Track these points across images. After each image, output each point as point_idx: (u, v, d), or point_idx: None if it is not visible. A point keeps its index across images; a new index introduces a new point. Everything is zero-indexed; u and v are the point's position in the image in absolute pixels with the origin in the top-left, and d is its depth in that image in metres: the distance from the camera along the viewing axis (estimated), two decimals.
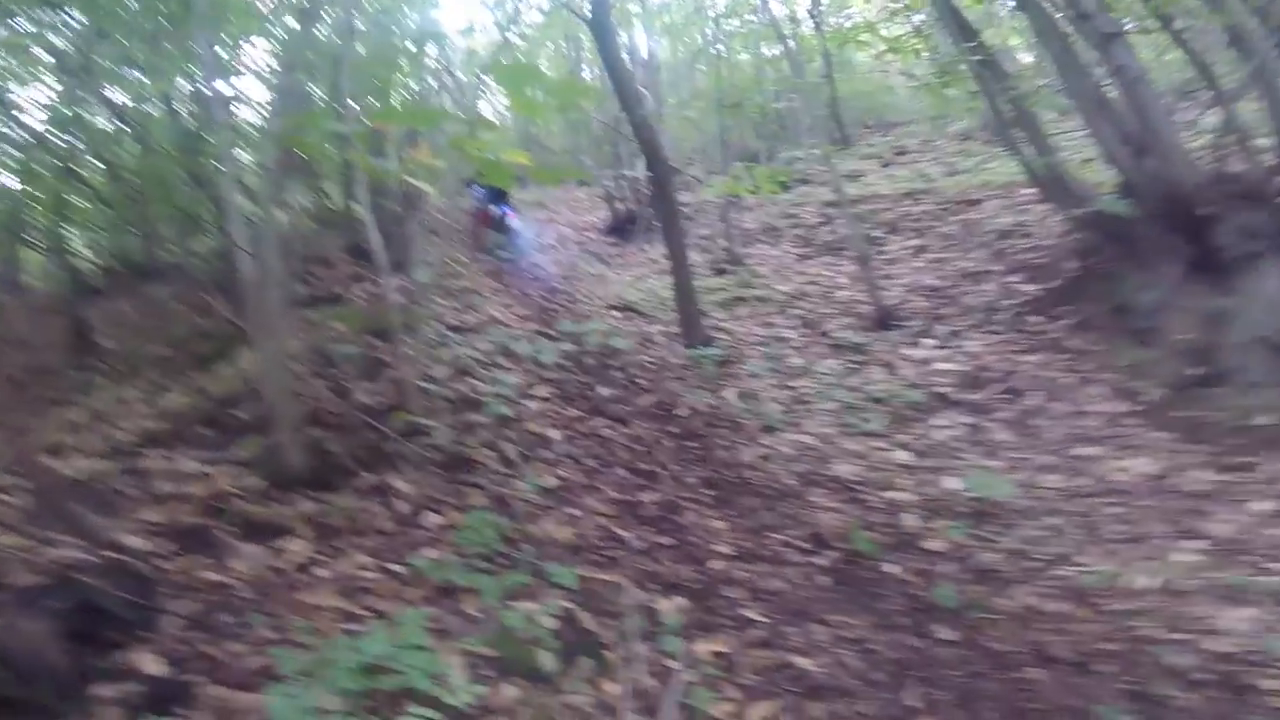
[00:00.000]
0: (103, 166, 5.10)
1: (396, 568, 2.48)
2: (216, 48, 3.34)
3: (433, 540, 2.65)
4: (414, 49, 5.02)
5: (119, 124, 4.91)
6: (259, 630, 2.12)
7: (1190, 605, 3.11)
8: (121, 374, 4.74)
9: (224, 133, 2.81)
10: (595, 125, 12.04)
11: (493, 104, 12.74)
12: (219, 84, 2.91)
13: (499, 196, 7.92)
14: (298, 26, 3.40)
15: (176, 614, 2.09)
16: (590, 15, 5.23)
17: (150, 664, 1.91)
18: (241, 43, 4.30)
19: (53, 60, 4.67)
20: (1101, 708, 2.50)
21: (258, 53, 5.23)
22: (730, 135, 9.58)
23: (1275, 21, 4.15)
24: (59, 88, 5.10)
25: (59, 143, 4.71)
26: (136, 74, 4.64)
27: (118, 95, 5.21)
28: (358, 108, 4.82)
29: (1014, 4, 5.58)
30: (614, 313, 6.51)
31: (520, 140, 15.89)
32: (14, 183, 4.76)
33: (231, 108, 3.77)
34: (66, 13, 4.01)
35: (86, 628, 1.89)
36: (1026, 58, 8.56)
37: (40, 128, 4.70)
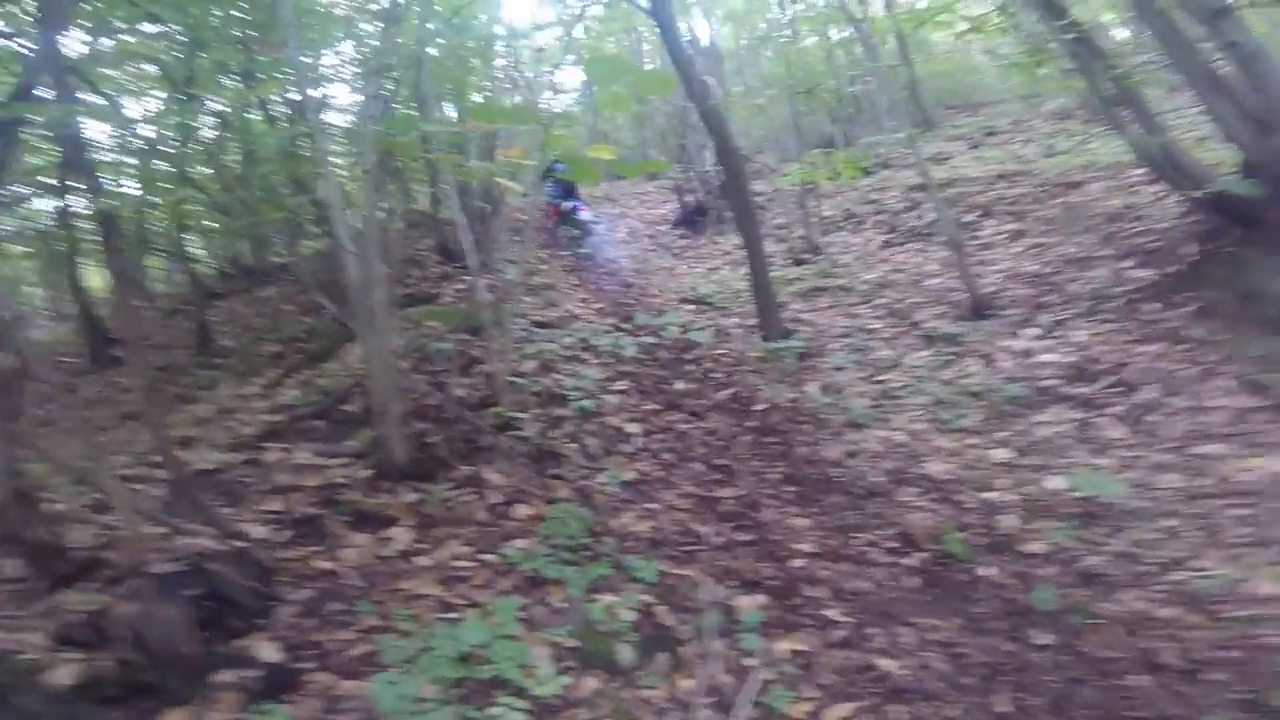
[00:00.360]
0: (211, 174, 5.41)
1: (490, 557, 2.61)
2: (304, 54, 3.52)
3: (522, 531, 2.77)
4: (484, 48, 5.12)
5: (224, 132, 5.21)
6: (365, 618, 2.25)
7: None
8: (240, 371, 5.23)
9: (321, 137, 3.01)
10: (661, 117, 12.01)
11: (561, 101, 12.98)
12: (310, 90, 3.11)
13: (569, 191, 8.13)
14: (378, 30, 3.59)
15: (292, 602, 2.24)
16: (650, 5, 5.21)
17: (267, 651, 2.03)
18: (325, 50, 4.54)
19: (158, 71, 4.97)
20: (1210, 718, 2.31)
21: (339, 59, 5.50)
22: (803, 121, 9.31)
23: None
24: (165, 98, 5.43)
25: (171, 151, 4.96)
26: (235, 82, 4.92)
27: (220, 104, 5.52)
28: (439, 110, 5.03)
29: None
30: (687, 306, 6.52)
31: (590, 135, 16.14)
32: (135, 190, 5.12)
33: (323, 113, 4.02)
34: (165, 24, 4.24)
35: (213, 615, 2.02)
36: (1122, 33, 7.85)
37: (153, 136, 4.91)
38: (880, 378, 5.27)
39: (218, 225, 6.58)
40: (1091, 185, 6.59)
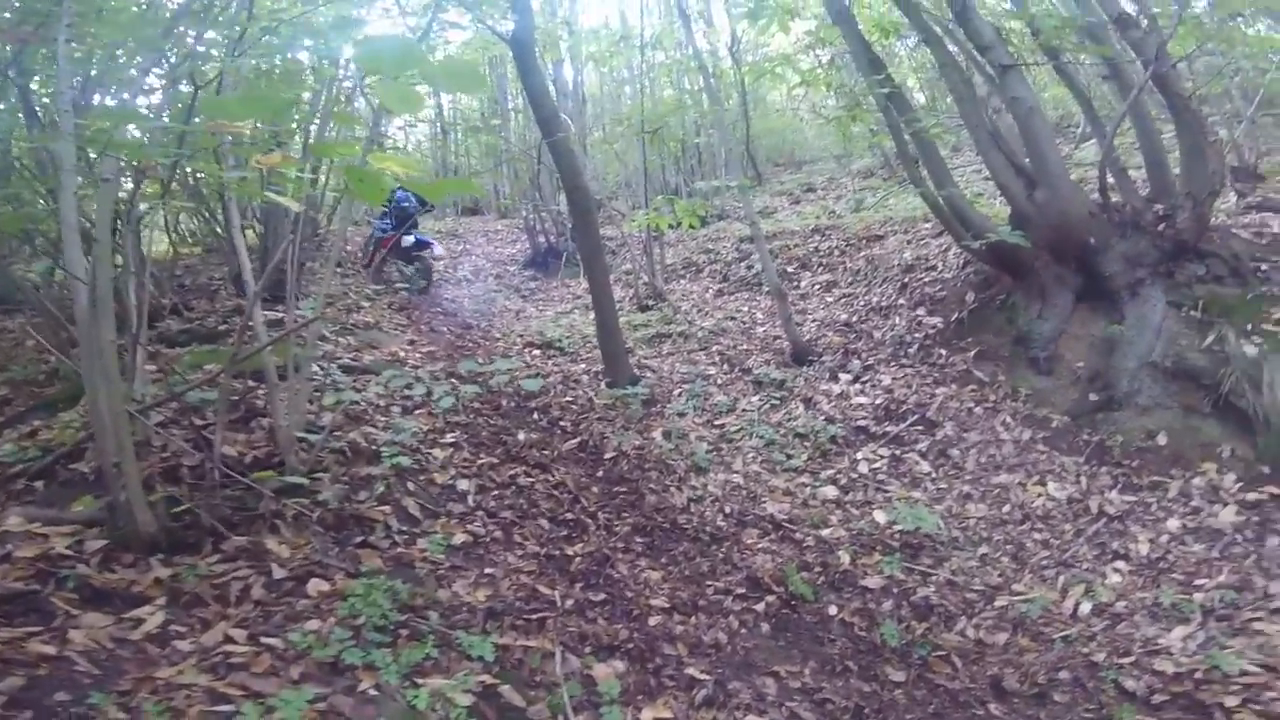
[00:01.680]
0: None
1: (273, 641, 2.02)
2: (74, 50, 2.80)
3: (317, 610, 2.19)
4: (305, 60, 4.44)
5: None
6: (105, 711, 1.68)
7: (1131, 627, 3.12)
8: None
9: (64, 141, 2.33)
10: (515, 152, 11.80)
11: (404, 132, 12.26)
12: (65, 86, 2.43)
13: (406, 223, 7.50)
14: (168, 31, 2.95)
15: None
16: (511, 33, 5.01)
17: None
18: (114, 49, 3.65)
19: None
20: None
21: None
22: (652, 167, 9.59)
23: (1147, 56, 4.45)
24: None
25: None
26: None
27: None
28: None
29: (920, 38, 5.84)
30: (534, 350, 6.18)
31: (438, 170, 15.38)
32: None
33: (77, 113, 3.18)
34: None
35: None
36: (920, 97, 9.14)
37: None
38: (718, 422, 5.30)
39: None
40: (890, 239, 7.41)
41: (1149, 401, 4.47)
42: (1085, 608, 3.34)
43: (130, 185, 2.98)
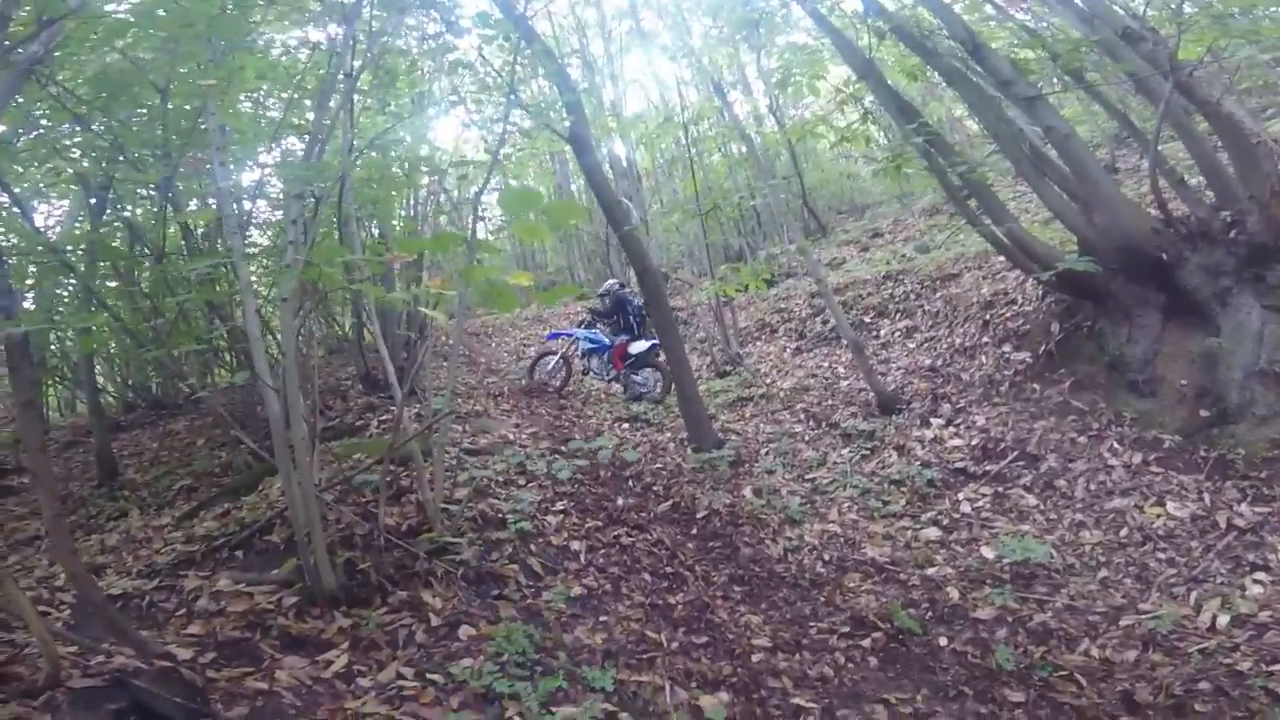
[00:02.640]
0: (121, 295, 4.99)
1: (436, 677, 2.43)
2: (227, 169, 3.37)
3: (468, 651, 2.60)
4: (410, 170, 5.28)
5: (137, 245, 4.81)
6: None
7: (1277, 636, 2.97)
8: (149, 504, 4.85)
9: (240, 260, 3.02)
10: (585, 239, 12.65)
11: (486, 225, 13.48)
12: (229, 209, 3.15)
13: (623, 322, 7.74)
14: (302, 147, 3.61)
15: (227, 718, 2.07)
16: (569, 132, 5.64)
17: None
18: (250, 164, 4.40)
19: (72, 174, 4.58)
20: None
21: (262, 174, 5.28)
22: (713, 237, 10.00)
23: (1163, 67, 4.45)
24: (76, 204, 5.06)
25: (76, 261, 4.56)
26: (153, 192, 4.61)
27: (135, 215, 5.18)
28: (362, 233, 4.91)
29: (944, 79, 5.95)
30: (623, 424, 6.60)
31: (516, 258, 16.70)
32: (32, 304, 4.64)
33: (244, 232, 3.93)
34: (86, 124, 4.01)
35: None
36: (973, 125, 9.12)
37: (62, 246, 4.52)
38: (809, 476, 5.43)
39: (125, 353, 6.13)
40: (965, 276, 7.41)
41: (1267, 410, 4.27)
42: (1223, 620, 3.20)
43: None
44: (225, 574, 2.95)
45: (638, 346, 7.51)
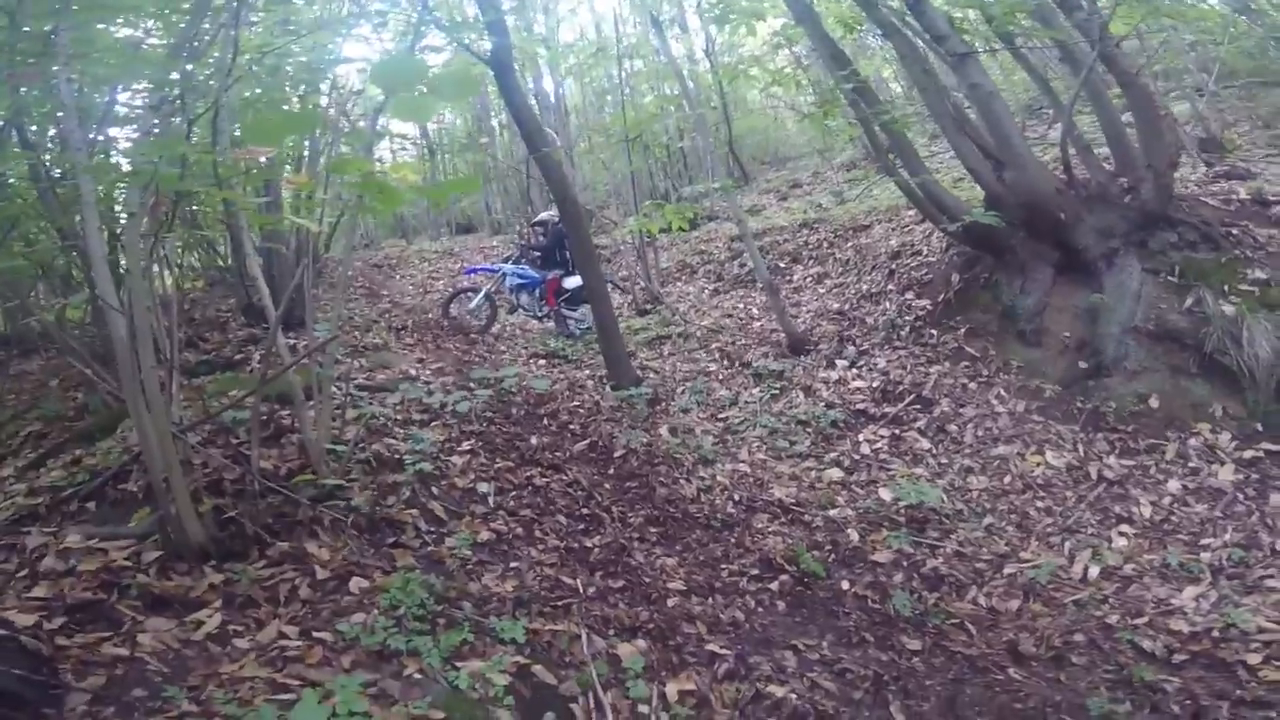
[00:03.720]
0: None
1: (324, 635, 2.19)
2: (82, 89, 2.91)
3: (360, 605, 2.36)
4: (307, 89, 4.58)
5: None
6: (177, 703, 1.84)
7: (1142, 589, 3.24)
8: None
9: (85, 177, 2.49)
10: (504, 168, 11.92)
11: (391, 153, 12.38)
12: (76, 126, 2.58)
13: (553, 257, 7.25)
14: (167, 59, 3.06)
15: (83, 690, 1.81)
16: (490, 53, 5.12)
17: None
18: (117, 87, 3.70)
19: None
20: (1092, 700, 2.49)
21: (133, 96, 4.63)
22: (639, 173, 9.72)
23: (1093, 36, 4.58)
24: None
25: None
26: None
27: None
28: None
29: (880, 31, 5.93)
30: (539, 360, 6.33)
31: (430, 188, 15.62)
32: None
33: (97, 152, 3.29)
34: None
35: None
36: (897, 87, 9.29)
37: None
38: (722, 415, 5.45)
39: None
40: (876, 228, 7.59)
41: (1137, 365, 4.61)
42: (1094, 571, 3.45)
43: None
44: (74, 529, 2.53)
45: (573, 281, 7.03)
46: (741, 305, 7.52)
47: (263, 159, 2.03)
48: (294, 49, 3.83)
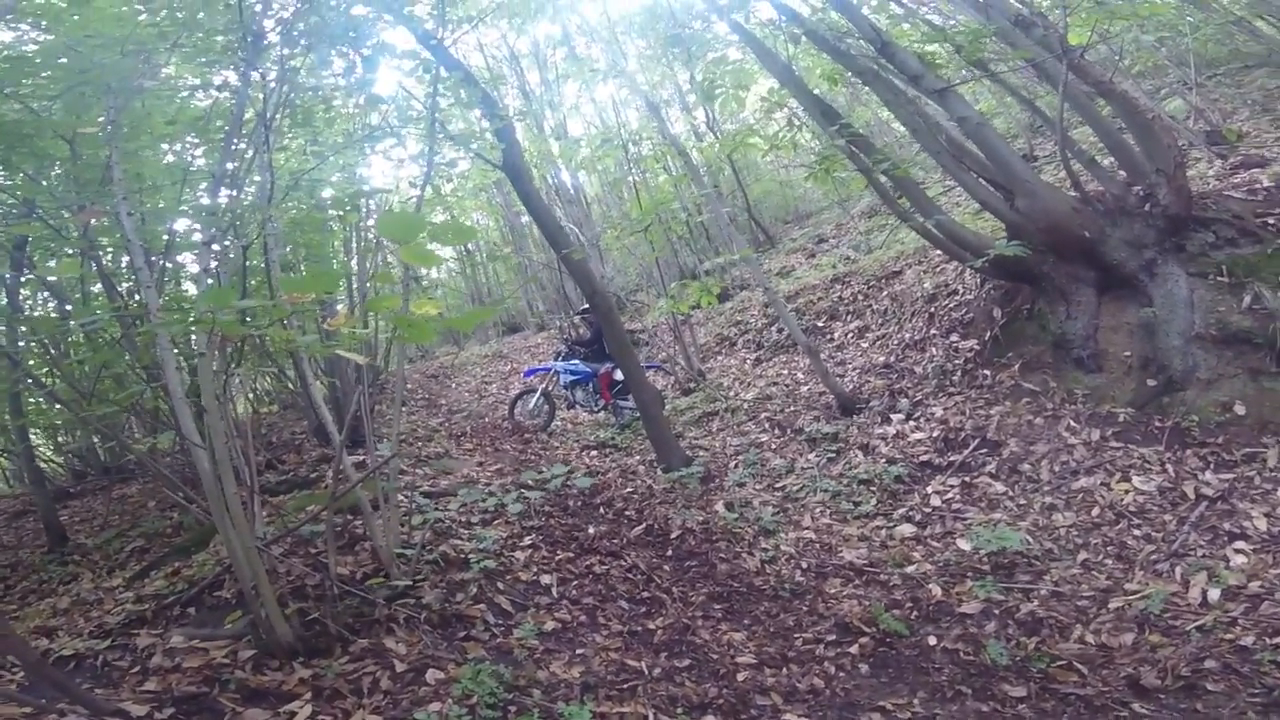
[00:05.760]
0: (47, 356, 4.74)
1: None
2: (142, 220, 3.27)
3: (436, 695, 2.43)
4: (348, 209, 5.06)
5: (60, 308, 4.67)
6: None
7: (1276, 606, 2.95)
8: (100, 566, 4.69)
9: (155, 316, 2.83)
10: (538, 269, 12.41)
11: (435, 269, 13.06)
12: (140, 260, 2.95)
13: (597, 347, 7.47)
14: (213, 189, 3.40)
15: None
16: (502, 161, 5.52)
17: None
18: (172, 217, 4.09)
19: None
20: None
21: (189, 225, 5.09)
22: (663, 253, 9.96)
23: (1056, 50, 4.57)
24: None
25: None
26: (72, 252, 4.32)
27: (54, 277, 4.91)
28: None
29: (860, 79, 6.03)
30: (590, 451, 6.45)
31: (470, 295, 16.53)
32: None
33: (167, 285, 3.71)
34: None
35: None
36: (900, 128, 9.37)
37: None
38: (779, 485, 5.37)
39: (60, 421, 5.79)
40: (908, 272, 7.55)
41: (1210, 374, 4.37)
42: (1214, 594, 3.17)
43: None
44: (178, 631, 2.78)
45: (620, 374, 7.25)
46: (785, 371, 7.52)
47: (311, 296, 2.31)
48: (325, 170, 4.31)
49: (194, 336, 4.44)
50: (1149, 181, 4.63)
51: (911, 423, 5.67)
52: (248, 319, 3.39)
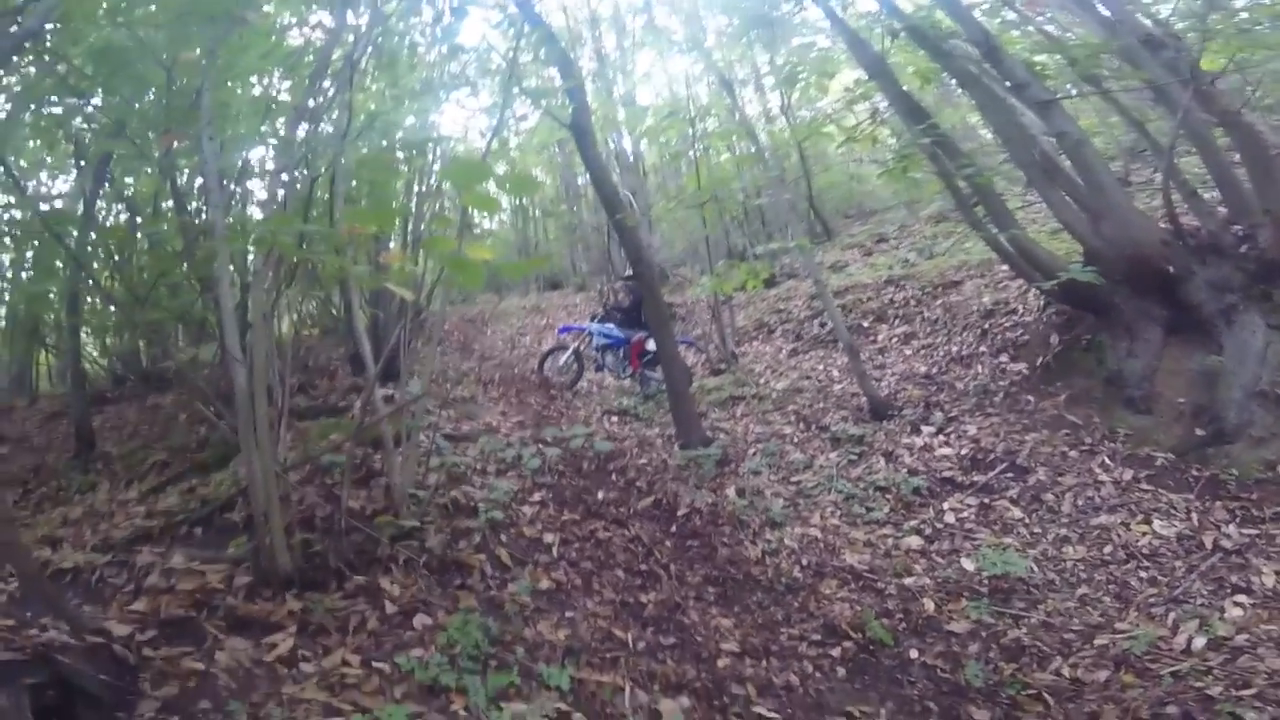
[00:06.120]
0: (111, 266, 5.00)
1: (383, 666, 2.37)
2: (220, 148, 3.41)
3: (420, 640, 2.55)
4: (414, 154, 5.17)
5: (131, 217, 4.89)
6: (237, 718, 2.05)
7: (1254, 660, 2.90)
8: (120, 478, 4.89)
9: (219, 233, 2.97)
10: (589, 232, 12.45)
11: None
12: (213, 183, 3.09)
13: (633, 318, 7.54)
14: (292, 125, 3.56)
15: (154, 698, 2.03)
16: (570, 120, 5.55)
17: None
18: (248, 147, 4.28)
19: (73, 149, 4.64)
20: None
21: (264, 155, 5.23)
22: (714, 231, 9.77)
23: (1184, 76, 4.34)
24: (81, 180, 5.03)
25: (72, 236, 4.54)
26: (151, 171, 4.54)
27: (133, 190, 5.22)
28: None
29: (957, 81, 5.80)
30: (612, 417, 6.53)
31: (518, 248, 16.71)
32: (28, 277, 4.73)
33: (234, 208, 3.88)
34: (89, 101, 4.01)
35: (61, 705, 1.86)
36: (987, 134, 8.91)
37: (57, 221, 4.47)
38: (795, 479, 5.36)
39: (110, 325, 6.13)
40: (967, 284, 7.30)
41: (1264, 432, 4.17)
42: (1199, 642, 3.12)
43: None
44: (180, 550, 2.90)
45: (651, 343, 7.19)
46: (820, 367, 7.41)
47: (371, 229, 2.37)
48: (400, 114, 4.42)
49: (251, 257, 4.69)
50: (1252, 221, 4.32)
51: (941, 437, 5.56)
52: (304, 244, 3.53)
